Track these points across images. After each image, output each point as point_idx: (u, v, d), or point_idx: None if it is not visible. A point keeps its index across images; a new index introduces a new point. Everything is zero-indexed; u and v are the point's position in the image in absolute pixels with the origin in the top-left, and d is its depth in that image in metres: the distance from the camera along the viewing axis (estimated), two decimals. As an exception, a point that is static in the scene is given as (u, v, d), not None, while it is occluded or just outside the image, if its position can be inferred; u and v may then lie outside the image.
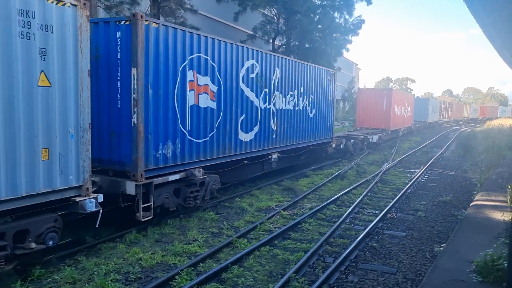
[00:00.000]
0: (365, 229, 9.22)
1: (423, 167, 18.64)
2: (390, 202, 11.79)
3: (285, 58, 14.19)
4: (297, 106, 15.03)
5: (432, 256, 7.88)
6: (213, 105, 10.35)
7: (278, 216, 10.31)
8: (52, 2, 6.25)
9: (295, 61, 15.01)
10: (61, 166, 6.58)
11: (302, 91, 15.31)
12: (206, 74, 10.00)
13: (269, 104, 13.06)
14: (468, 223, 8.76)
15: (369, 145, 24.54)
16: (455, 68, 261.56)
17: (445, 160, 22.67)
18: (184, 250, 7.79)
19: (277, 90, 13.50)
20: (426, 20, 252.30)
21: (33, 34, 6.04)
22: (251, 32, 25.12)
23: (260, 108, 12.57)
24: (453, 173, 18.01)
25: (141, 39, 7.96)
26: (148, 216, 8.39)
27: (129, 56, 8.02)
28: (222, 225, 9.53)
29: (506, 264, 5.36)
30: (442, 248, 7.78)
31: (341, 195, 12.63)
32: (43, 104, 6.24)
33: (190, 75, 9.46)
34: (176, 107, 9.13)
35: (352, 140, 21.58)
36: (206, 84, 10.05)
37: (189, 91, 9.47)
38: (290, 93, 14.44)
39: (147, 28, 8.20)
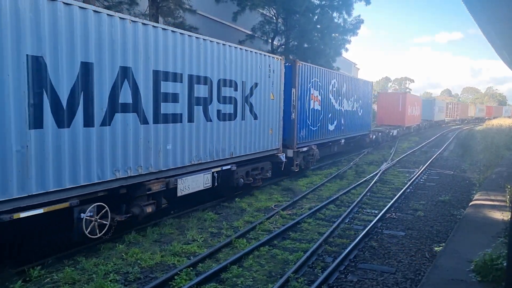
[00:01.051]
0: (364, 229, 9.23)
1: (422, 167, 18.66)
2: (389, 202, 11.80)
3: (350, 76, 22.43)
4: (353, 108, 21.73)
5: (431, 256, 7.89)
6: (319, 108, 17.09)
7: (277, 216, 10.31)
8: (275, 59, 13.07)
9: (353, 77, 22.87)
10: (274, 137, 13.18)
11: (356, 97, 22.06)
12: (316, 89, 16.70)
13: (341, 106, 19.79)
14: (467, 223, 8.77)
15: (391, 137, 30.73)
16: (453, 68, 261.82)
17: (444, 159, 22.70)
18: (183, 250, 7.79)
19: (344, 97, 20.20)
20: (424, 20, 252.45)
21: (270, 75, 12.75)
22: (250, 32, 25.05)
23: (337, 109, 19.23)
24: (452, 172, 18.03)
25: (297, 72, 14.69)
26: (296, 169, 15.17)
27: (289, 81, 14.46)
28: (221, 225, 9.53)
29: (505, 264, 5.36)
30: (441, 247, 7.78)
31: (340, 195, 12.64)
32: (271, 107, 12.89)
33: (311, 90, 16.17)
34: (306, 109, 15.81)
35: (380, 134, 28.13)
36: (317, 96, 16.80)
37: (311, 100, 16.16)
38: (350, 98, 21.20)
39: (298, 66, 14.82)
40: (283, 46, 25.86)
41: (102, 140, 7.31)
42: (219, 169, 10.48)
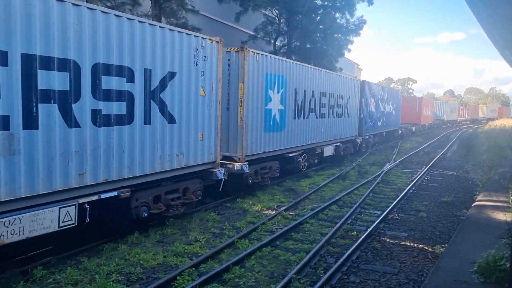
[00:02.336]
0: (367, 229, 9.21)
1: (425, 168, 18.62)
2: (392, 203, 11.78)
3: (388, 87, 32.30)
4: (390, 110, 29.19)
5: (434, 257, 7.87)
6: (374, 110, 24.66)
7: (279, 217, 10.30)
8: (355, 80, 22.79)
9: (390, 88, 33.43)
10: (354, 128, 21.47)
11: (392, 102, 29.58)
12: (372, 98, 24.17)
13: (384, 109, 27.28)
14: (470, 224, 8.74)
15: (411, 133, 37.69)
16: (455, 68, 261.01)
17: (447, 160, 22.64)
18: (186, 250, 7.80)
19: (386, 102, 27.71)
20: (426, 20, 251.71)
21: (354, 90, 21.21)
22: (252, 33, 25.06)
23: (382, 111, 26.78)
24: (455, 173, 17.98)
25: (365, 88, 22.65)
26: (363, 150, 23.79)
27: (360, 93, 21.83)
28: (223, 225, 9.53)
29: (508, 265, 5.34)
30: (444, 248, 7.76)
31: (343, 196, 12.63)
32: (354, 109, 21.35)
33: (370, 98, 23.67)
34: (368, 111, 23.17)
35: (404, 129, 35.10)
36: (372, 102, 24.24)
37: (370, 105, 23.65)
38: (388, 103, 28.61)
39: (366, 83, 23.00)
40: (286, 47, 25.86)
41: (305, 125, 15.21)
42: (335, 144, 18.57)
